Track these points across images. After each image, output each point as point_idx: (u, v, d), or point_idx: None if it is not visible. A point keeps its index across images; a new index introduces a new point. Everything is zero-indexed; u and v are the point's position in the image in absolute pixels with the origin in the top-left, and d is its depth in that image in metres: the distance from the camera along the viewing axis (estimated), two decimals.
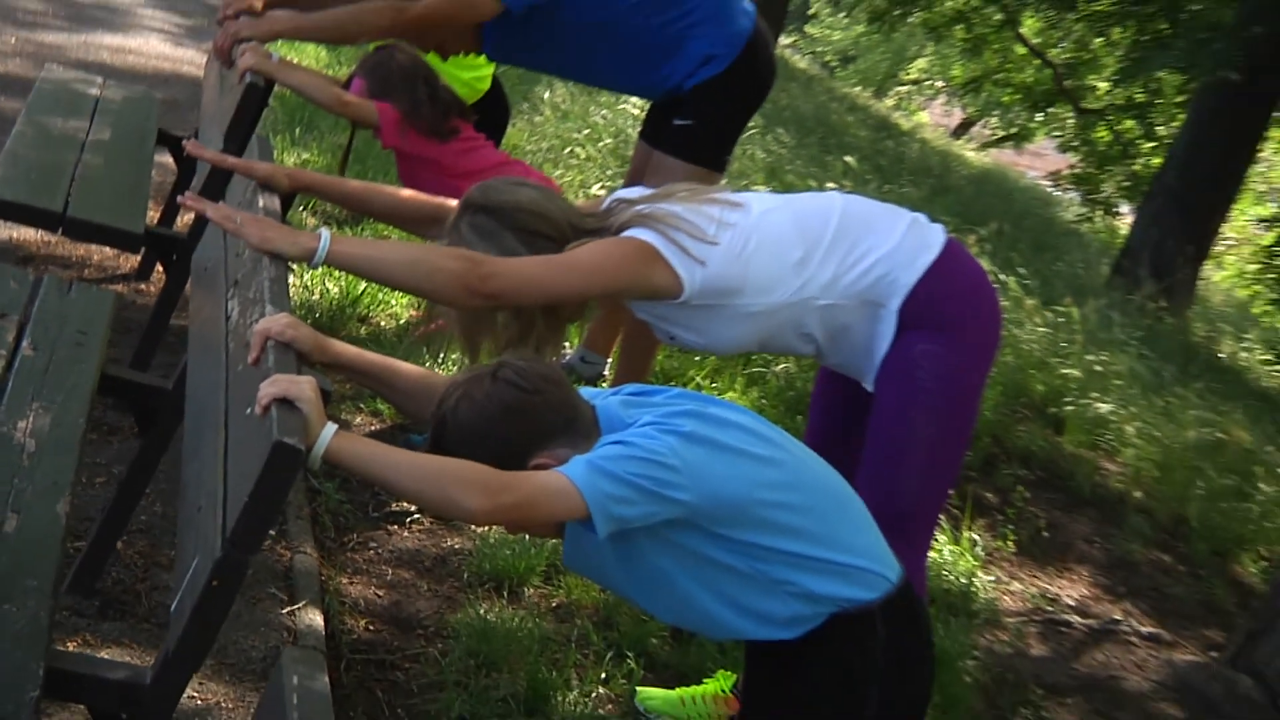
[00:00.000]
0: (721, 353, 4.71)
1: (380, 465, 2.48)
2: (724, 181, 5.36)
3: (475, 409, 2.57)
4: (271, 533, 4.39)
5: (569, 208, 3.39)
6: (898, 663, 2.70)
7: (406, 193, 3.95)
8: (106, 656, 3.61)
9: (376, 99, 4.77)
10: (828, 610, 2.64)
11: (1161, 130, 20.18)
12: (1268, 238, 17.30)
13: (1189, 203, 13.90)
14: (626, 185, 5.46)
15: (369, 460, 2.49)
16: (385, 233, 5.22)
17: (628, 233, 3.27)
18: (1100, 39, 20.70)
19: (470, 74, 5.91)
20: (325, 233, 3.08)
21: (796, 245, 3.31)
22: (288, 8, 5.19)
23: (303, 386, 2.41)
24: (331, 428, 2.43)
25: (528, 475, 2.50)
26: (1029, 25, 23.60)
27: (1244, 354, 14.55)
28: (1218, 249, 17.32)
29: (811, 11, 42.52)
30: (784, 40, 29.74)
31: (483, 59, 5.83)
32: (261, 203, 3.38)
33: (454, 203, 3.45)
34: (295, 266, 6.42)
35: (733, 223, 3.29)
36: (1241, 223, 20.47)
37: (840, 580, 2.64)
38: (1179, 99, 17.89)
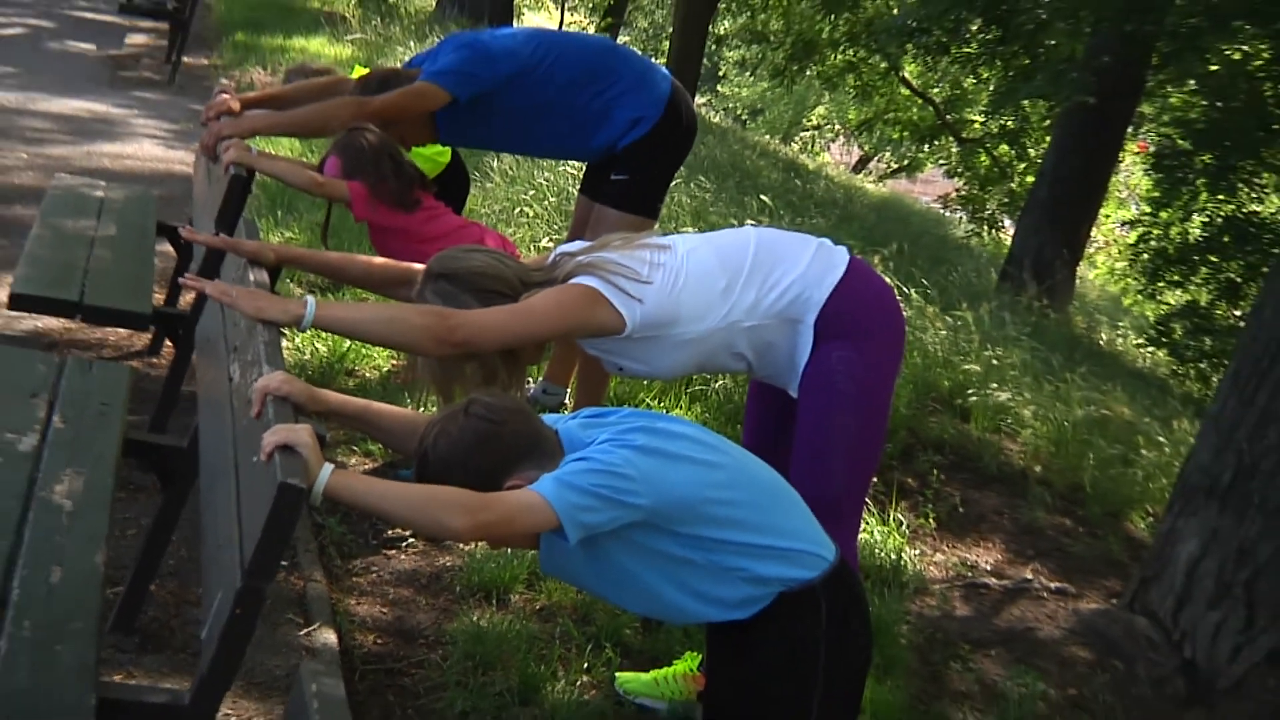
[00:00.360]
0: (665, 378, 4.73)
1: (373, 497, 2.51)
2: (656, 227, 5.38)
3: (451, 442, 2.60)
4: (284, 564, 4.39)
5: (518, 265, 3.43)
6: (840, 631, 2.73)
7: (378, 260, 3.99)
8: (153, 685, 3.61)
9: (348, 177, 4.78)
10: (774, 590, 2.68)
11: (1032, 152, 20.38)
12: (1131, 237, 17.40)
13: (1060, 213, 14.02)
14: (571, 237, 5.49)
15: (363, 494, 2.52)
16: (363, 296, 5.23)
17: (573, 280, 3.31)
18: (972, 78, 20.85)
19: (430, 152, 5.91)
20: (310, 300, 3.12)
21: (720, 276, 3.36)
22: (262, 107, 5.22)
23: (300, 433, 2.44)
24: (329, 467, 2.45)
25: (503, 495, 2.53)
26: (910, 70, 23.79)
27: (1119, 340, 14.66)
28: (1089, 251, 17.41)
29: (721, 73, 42.75)
30: (699, 99, 29.82)
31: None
32: (252, 277, 3.40)
33: (420, 267, 3.48)
34: (286, 331, 6.41)
35: (662, 263, 3.34)
36: (1108, 226, 20.59)
37: (783, 563, 2.67)
38: (1045, 123, 18.06)
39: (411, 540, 4.79)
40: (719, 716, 2.99)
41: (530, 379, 6.05)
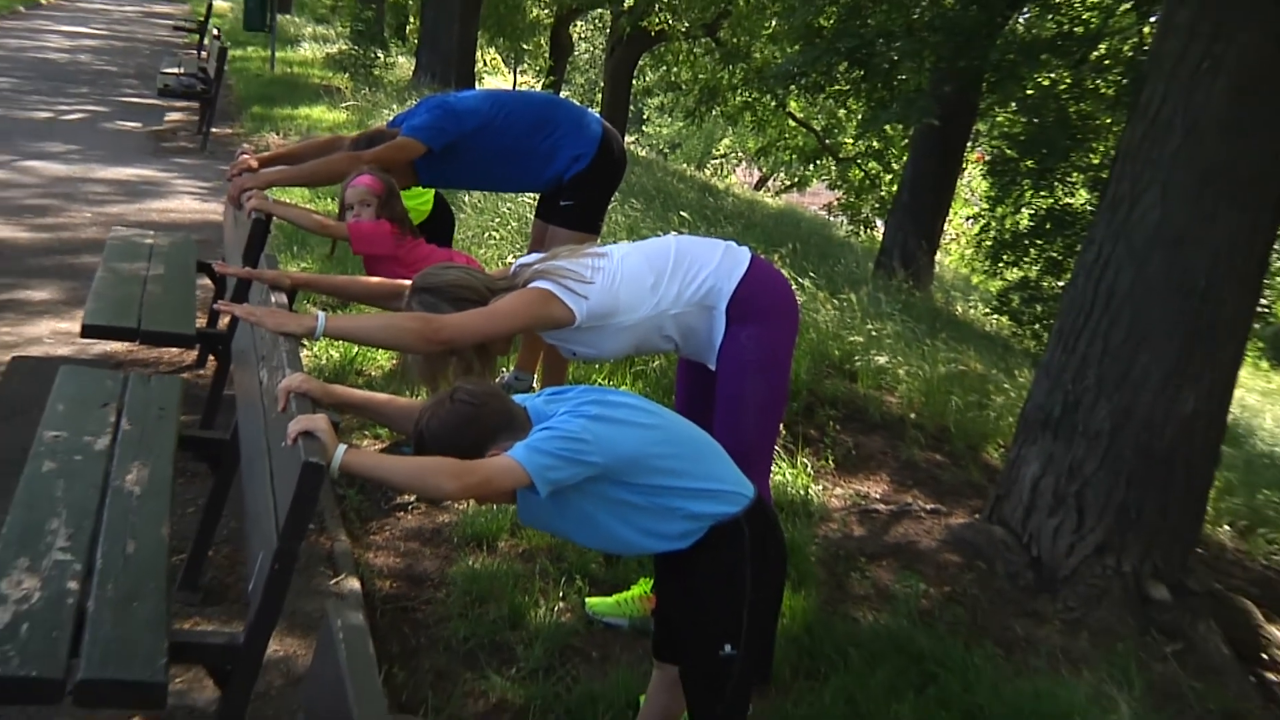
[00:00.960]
0: (610, 359, 4.78)
1: (380, 470, 2.56)
2: (598, 241, 5.39)
3: (441, 422, 2.61)
4: (313, 528, 4.38)
5: (485, 276, 3.48)
6: (760, 553, 2.76)
7: (374, 280, 3.99)
8: (214, 629, 3.61)
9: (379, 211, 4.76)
10: (707, 524, 2.71)
11: (895, 165, 20.46)
12: (975, 228, 17.52)
13: (919, 213, 14.13)
14: (528, 254, 5.49)
15: (371, 467, 2.55)
16: (363, 309, 5.21)
17: (530, 285, 3.33)
18: (843, 109, 20.94)
19: (415, 202, 5.87)
20: (321, 315, 3.20)
21: (649, 275, 3.40)
22: (277, 164, 5.20)
23: (318, 420, 2.48)
24: (342, 447, 2.48)
25: (485, 461, 2.55)
26: (794, 105, 23.84)
27: (971, 311, 14.78)
28: (944, 241, 17.50)
29: (645, 116, 42.81)
30: (629, 138, 29.83)
31: (421, 189, 5.84)
32: (273, 300, 3.39)
33: (407, 283, 3.50)
34: (305, 341, 6.39)
35: (602, 267, 3.38)
36: (957, 221, 20.70)
37: (713, 501, 2.70)
38: (903, 142, 18.14)
39: (415, 504, 4.78)
40: (669, 628, 3.03)
41: (504, 368, 6.05)
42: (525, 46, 34.18)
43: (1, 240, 7.94)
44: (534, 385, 5.82)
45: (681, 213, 11.26)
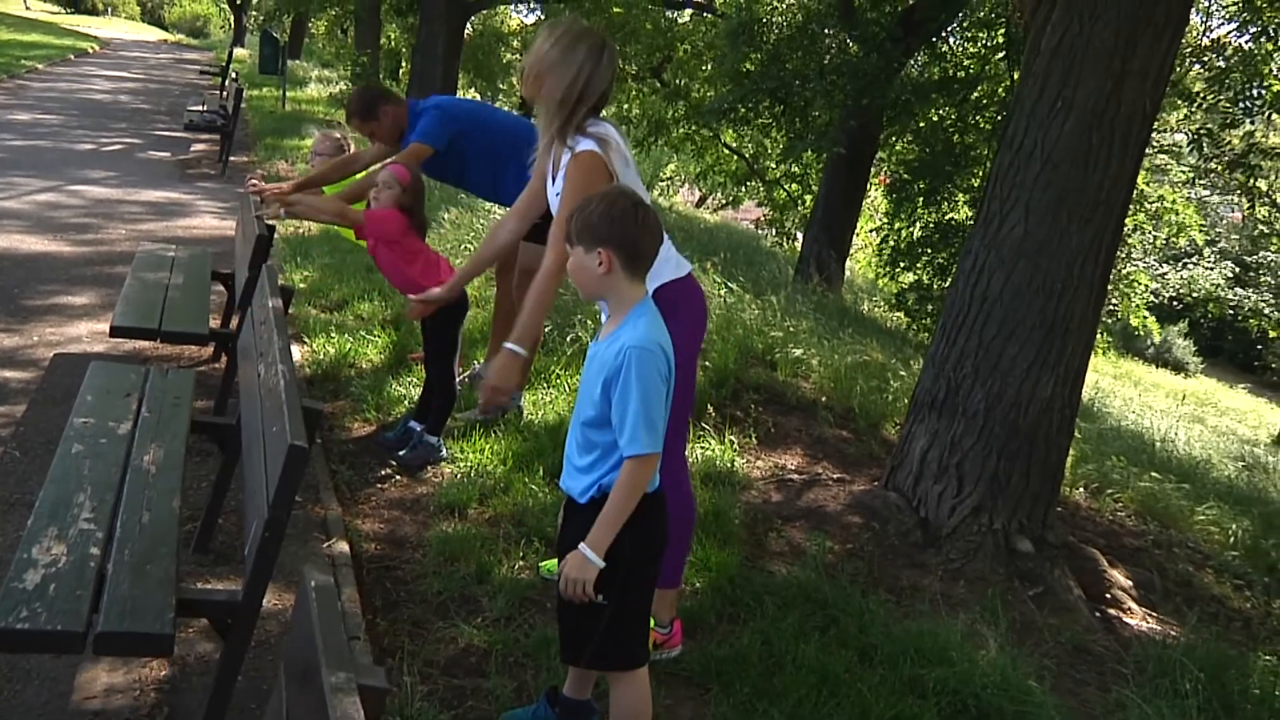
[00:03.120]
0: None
1: (615, 524, 2.55)
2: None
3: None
4: (310, 498, 4.32)
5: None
6: (649, 532, 2.66)
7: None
8: (220, 587, 3.55)
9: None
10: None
11: (813, 187, 20.48)
12: (877, 240, 17.59)
13: (831, 226, 14.16)
14: (501, 264, 5.48)
15: (612, 526, 2.55)
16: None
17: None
18: (768, 139, 20.97)
19: None
20: (514, 347, 3.03)
21: None
22: (313, 185, 5.45)
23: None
24: (588, 550, 2.53)
25: (649, 462, 2.55)
26: (728, 136, 23.82)
27: (876, 310, 14.81)
28: (852, 250, 17.53)
29: None
30: None
31: None
32: (270, 304, 3.32)
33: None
34: (306, 336, 6.32)
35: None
36: (864, 234, 20.76)
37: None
38: (818, 167, 18.16)
39: (398, 477, 4.73)
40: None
41: (475, 361, 5.99)
42: (500, 86, 34.04)
43: (49, 253, 7.82)
44: None
45: None
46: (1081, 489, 5.99)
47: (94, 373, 3.80)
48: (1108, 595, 4.62)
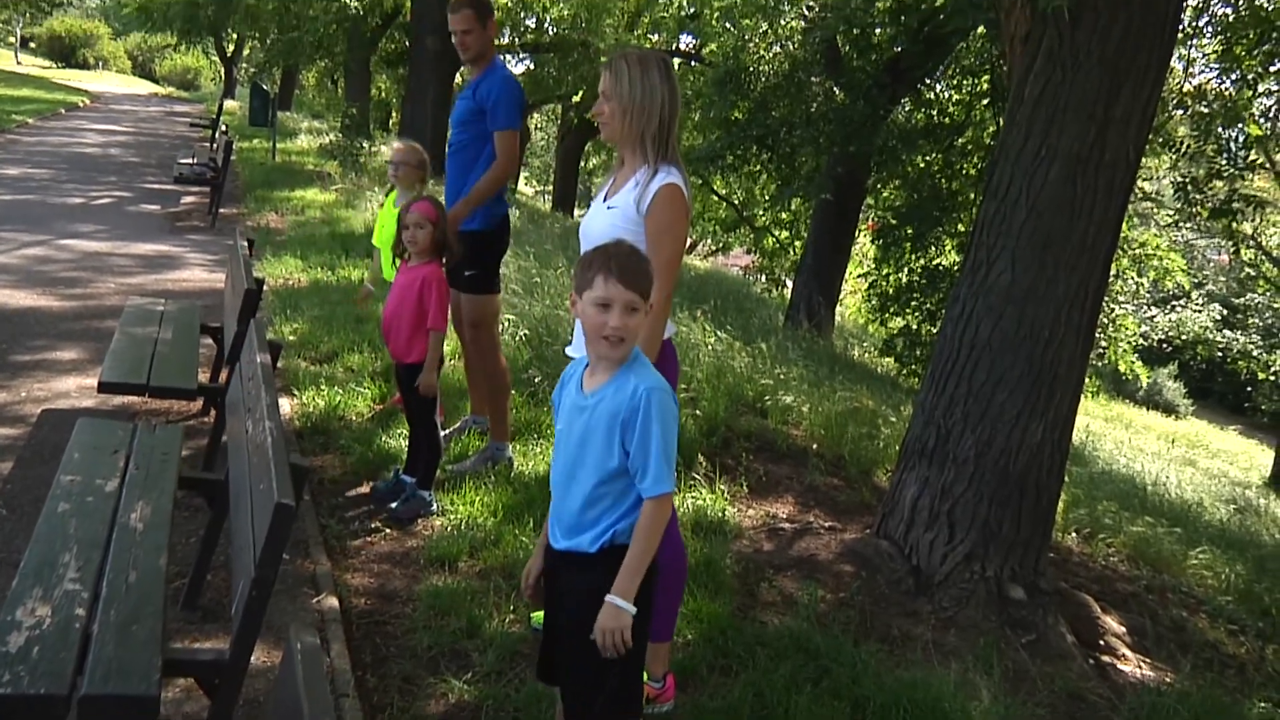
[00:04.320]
0: None
1: (640, 570, 2.58)
2: (499, 297, 5.46)
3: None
4: (299, 553, 4.30)
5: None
6: (649, 579, 2.66)
7: None
8: (209, 647, 3.51)
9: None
10: (620, 539, 2.64)
11: (803, 233, 20.58)
12: (865, 285, 17.66)
13: (821, 272, 14.22)
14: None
15: (636, 572, 2.57)
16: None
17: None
18: (757, 186, 21.11)
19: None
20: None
21: None
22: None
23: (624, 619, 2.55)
24: (619, 600, 2.54)
25: (662, 509, 2.58)
26: (717, 183, 23.96)
27: (866, 356, 14.84)
28: (842, 296, 17.61)
29: (592, 193, 42.73)
30: (578, 212, 29.84)
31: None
32: (259, 359, 3.32)
33: None
34: (294, 387, 6.30)
35: None
36: (853, 279, 20.84)
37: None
38: (807, 213, 18.26)
39: (387, 531, 4.71)
40: (555, 642, 2.83)
41: (469, 415, 5.97)
42: None
43: (37, 308, 7.82)
44: (486, 428, 5.73)
45: None
46: (1073, 534, 5.98)
47: (81, 429, 3.79)
48: (1101, 642, 4.60)
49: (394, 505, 4.83)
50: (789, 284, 20.79)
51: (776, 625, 4.21)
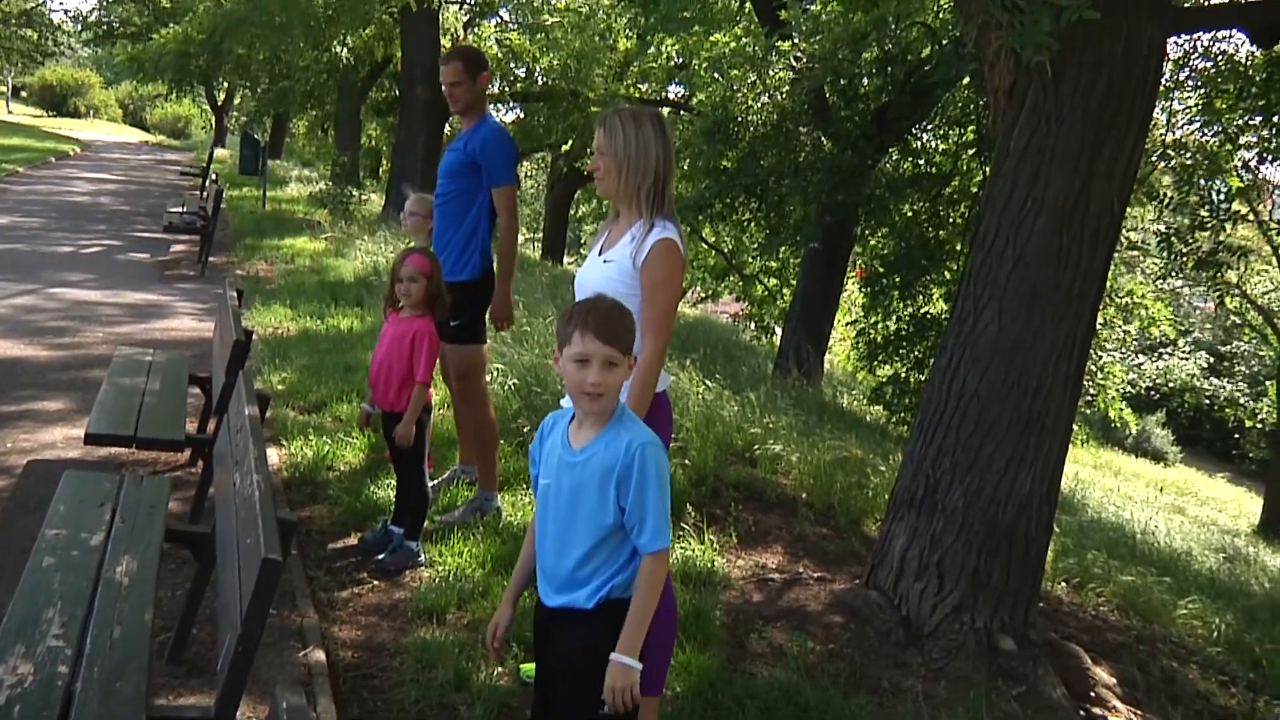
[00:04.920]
0: None
1: (643, 624, 2.56)
2: (486, 348, 5.58)
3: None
4: (286, 606, 4.26)
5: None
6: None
7: None
8: (195, 703, 3.48)
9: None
10: (617, 594, 2.63)
11: (791, 281, 20.66)
12: (854, 333, 17.70)
13: (810, 320, 14.24)
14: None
15: (640, 626, 2.55)
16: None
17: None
18: (746, 235, 21.21)
19: None
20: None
21: None
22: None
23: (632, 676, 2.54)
24: (624, 658, 2.52)
25: (658, 568, 2.59)
26: (706, 231, 24.09)
27: (855, 404, 14.85)
28: (831, 344, 17.64)
29: (582, 240, 42.97)
30: (568, 259, 29.97)
31: None
32: (247, 411, 3.31)
33: None
34: (282, 438, 6.28)
35: None
36: (842, 327, 20.91)
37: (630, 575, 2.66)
38: (796, 262, 18.35)
39: (374, 583, 4.67)
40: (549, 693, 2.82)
41: (457, 464, 5.95)
42: None
43: (24, 358, 7.80)
44: (476, 479, 5.70)
45: None
46: (1063, 584, 5.97)
47: (66, 482, 3.77)
48: (1092, 694, 4.58)
49: (381, 556, 4.81)
50: (778, 331, 20.83)
51: (766, 677, 4.19)
